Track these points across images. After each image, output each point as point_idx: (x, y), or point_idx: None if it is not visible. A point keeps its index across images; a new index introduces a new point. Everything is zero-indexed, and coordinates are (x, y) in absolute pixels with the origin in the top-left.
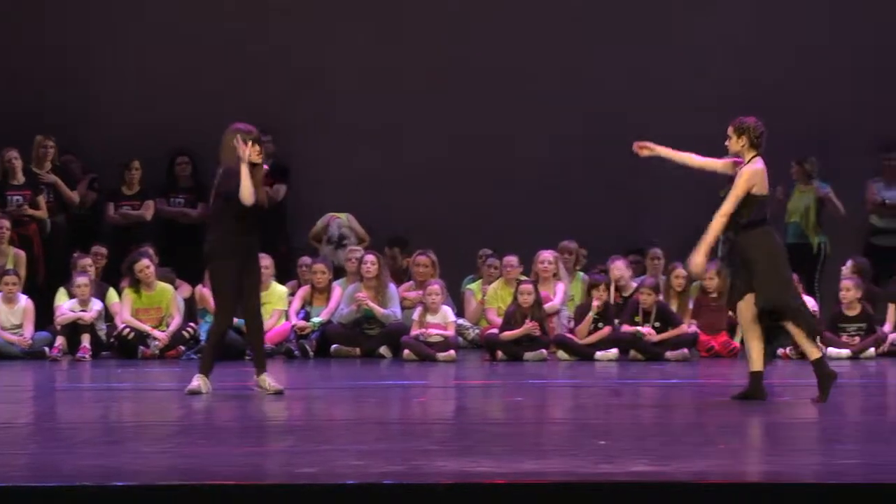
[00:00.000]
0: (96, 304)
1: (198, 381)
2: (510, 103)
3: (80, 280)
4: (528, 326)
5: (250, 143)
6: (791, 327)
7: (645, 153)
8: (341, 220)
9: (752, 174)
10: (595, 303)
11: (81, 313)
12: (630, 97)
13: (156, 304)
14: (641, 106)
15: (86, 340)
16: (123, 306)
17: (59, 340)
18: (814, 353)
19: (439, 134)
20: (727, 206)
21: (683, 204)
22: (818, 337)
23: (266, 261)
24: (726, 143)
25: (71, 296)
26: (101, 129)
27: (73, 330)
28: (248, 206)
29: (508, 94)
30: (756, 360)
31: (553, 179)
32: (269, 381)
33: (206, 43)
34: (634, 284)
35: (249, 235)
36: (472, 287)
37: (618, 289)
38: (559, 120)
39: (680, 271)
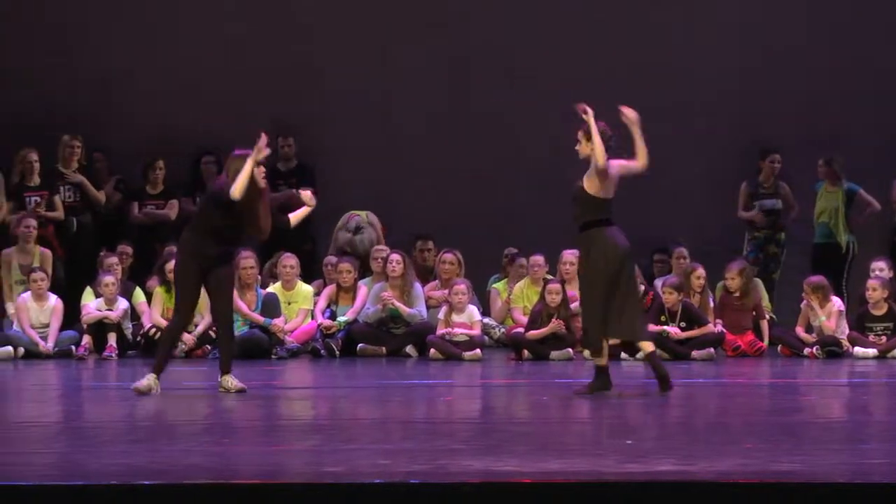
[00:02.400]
0: (122, 304)
1: (147, 381)
2: (534, 101)
3: (107, 279)
4: (554, 325)
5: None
6: None
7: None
8: (360, 218)
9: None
10: None
11: (108, 312)
12: (650, 95)
13: None
14: (662, 103)
15: (112, 339)
16: (154, 305)
17: (86, 339)
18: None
19: (464, 134)
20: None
21: (706, 204)
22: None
23: (291, 260)
24: (577, 146)
25: (97, 295)
26: (127, 129)
27: (100, 329)
28: (231, 218)
29: (532, 91)
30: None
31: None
32: (232, 381)
33: (232, 42)
34: (657, 284)
35: (222, 245)
36: (498, 286)
37: None
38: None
39: (700, 271)
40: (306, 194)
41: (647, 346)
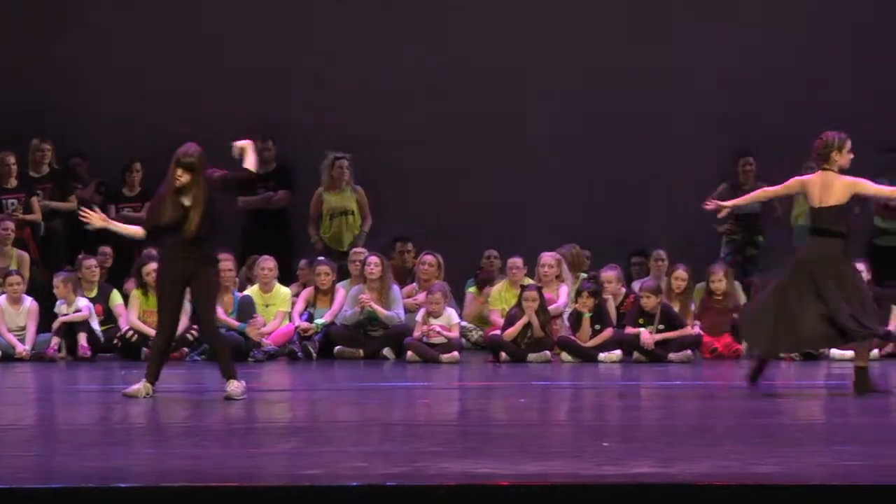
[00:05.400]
0: (81, 302)
1: (138, 386)
2: (512, 104)
3: (56, 280)
4: (525, 319)
5: (172, 166)
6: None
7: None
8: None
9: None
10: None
11: (74, 315)
12: (631, 97)
13: None
14: (643, 107)
15: (83, 339)
16: (131, 308)
17: (55, 341)
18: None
19: (441, 135)
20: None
21: (685, 206)
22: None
23: (269, 263)
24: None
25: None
26: (105, 131)
27: (68, 330)
28: (170, 223)
29: (510, 94)
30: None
31: (557, 181)
32: (230, 387)
33: (209, 44)
34: (635, 286)
35: (189, 254)
36: (473, 290)
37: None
38: (562, 121)
39: (680, 273)
40: (237, 144)
41: None
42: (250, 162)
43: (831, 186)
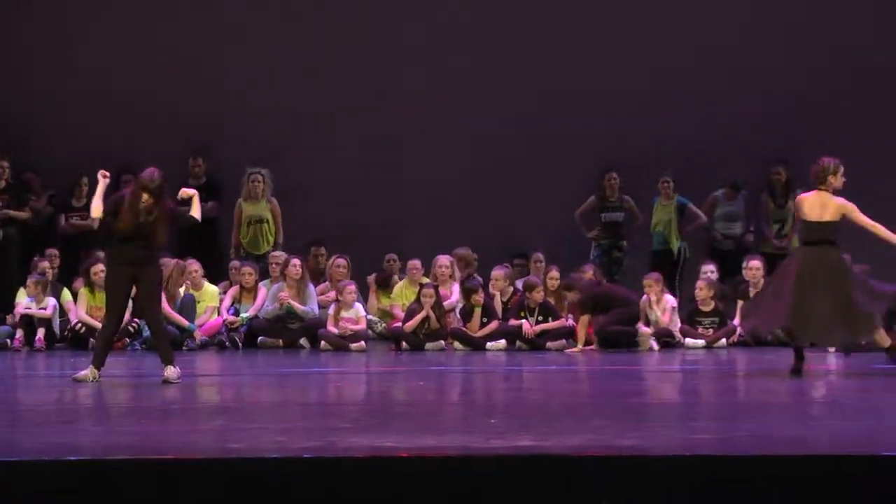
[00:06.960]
0: (51, 301)
1: (86, 371)
2: (421, 121)
3: (30, 281)
4: (424, 314)
5: (138, 190)
6: None
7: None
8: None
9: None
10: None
11: (41, 311)
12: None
13: None
14: (521, 125)
15: (41, 333)
16: (79, 304)
17: (19, 333)
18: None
19: (348, 151)
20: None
21: (562, 215)
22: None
23: (195, 265)
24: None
25: (29, 295)
26: (54, 149)
27: (30, 324)
28: (127, 231)
29: (419, 111)
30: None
31: (448, 190)
32: (168, 372)
33: (150, 73)
34: (518, 284)
35: (136, 252)
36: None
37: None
38: (450, 142)
39: (554, 273)
40: (184, 191)
41: None
42: (196, 210)
43: (826, 205)
